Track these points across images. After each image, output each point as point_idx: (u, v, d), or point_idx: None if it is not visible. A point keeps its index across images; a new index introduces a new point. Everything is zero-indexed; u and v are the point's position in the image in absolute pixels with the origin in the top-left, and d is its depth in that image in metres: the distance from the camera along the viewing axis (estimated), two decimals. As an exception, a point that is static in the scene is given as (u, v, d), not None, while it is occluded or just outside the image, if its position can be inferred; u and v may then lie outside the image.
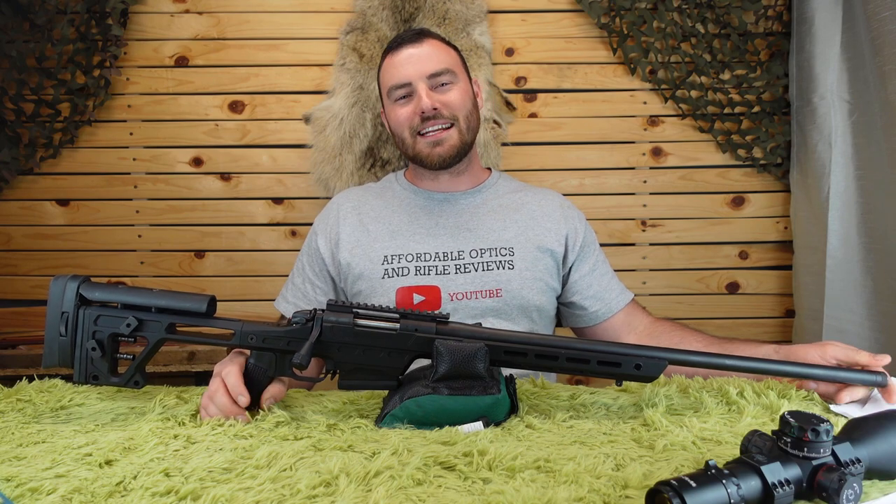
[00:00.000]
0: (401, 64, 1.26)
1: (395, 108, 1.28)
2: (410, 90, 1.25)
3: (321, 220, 1.35)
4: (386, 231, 1.28)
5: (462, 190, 1.33)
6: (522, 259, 1.24)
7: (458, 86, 1.27)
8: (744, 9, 2.17)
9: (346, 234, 1.29)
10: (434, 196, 1.32)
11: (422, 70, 1.24)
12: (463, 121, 1.26)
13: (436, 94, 1.24)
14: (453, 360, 0.83)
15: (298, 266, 1.35)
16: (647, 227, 2.31)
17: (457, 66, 1.29)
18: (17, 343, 2.06)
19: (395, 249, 1.25)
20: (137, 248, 2.27)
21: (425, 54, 1.26)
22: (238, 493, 0.62)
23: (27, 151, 2.18)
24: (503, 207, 1.31)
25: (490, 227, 1.27)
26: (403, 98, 1.26)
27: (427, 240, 1.26)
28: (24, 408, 0.94)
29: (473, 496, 0.62)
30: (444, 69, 1.25)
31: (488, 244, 1.25)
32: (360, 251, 1.26)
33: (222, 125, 2.25)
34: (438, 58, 1.26)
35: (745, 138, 2.25)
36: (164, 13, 2.21)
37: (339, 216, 1.32)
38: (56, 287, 0.88)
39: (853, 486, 0.56)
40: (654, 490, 0.54)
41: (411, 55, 1.26)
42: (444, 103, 1.24)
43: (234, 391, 0.86)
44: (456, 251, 1.24)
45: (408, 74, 1.25)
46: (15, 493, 0.63)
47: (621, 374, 0.88)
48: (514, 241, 1.26)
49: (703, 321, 2.33)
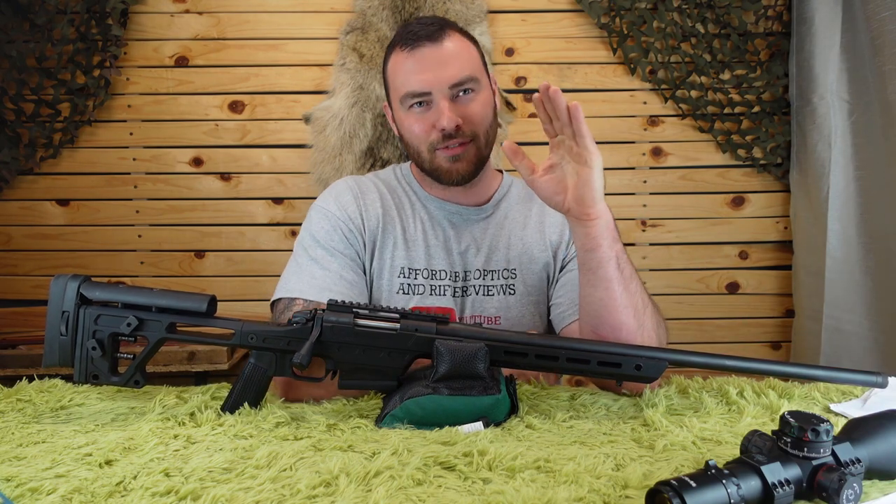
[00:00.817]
0: (418, 67, 1.10)
1: (408, 117, 1.14)
2: (429, 99, 1.11)
3: (335, 199, 1.19)
4: (401, 237, 1.19)
5: (473, 202, 1.23)
6: (524, 283, 1.20)
7: (481, 94, 1.14)
8: (744, 9, 2.17)
9: (371, 220, 1.18)
10: (445, 207, 1.21)
11: (443, 78, 1.09)
12: (483, 136, 1.15)
13: (457, 107, 1.11)
14: (453, 360, 0.83)
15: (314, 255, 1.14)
16: (647, 227, 2.31)
17: (479, 69, 1.15)
18: (17, 343, 2.06)
19: (412, 262, 1.18)
20: (137, 248, 2.27)
21: (447, 57, 1.10)
22: (238, 493, 0.62)
23: (27, 151, 2.18)
24: (512, 222, 1.24)
25: (495, 246, 1.20)
26: (419, 105, 1.12)
27: (441, 255, 1.19)
28: (24, 408, 0.94)
29: (473, 496, 0.62)
30: (468, 77, 1.11)
31: (493, 265, 1.19)
32: (379, 246, 1.18)
33: (222, 125, 2.25)
34: (461, 62, 1.11)
35: (745, 138, 2.25)
36: (164, 13, 2.21)
37: (361, 203, 1.19)
38: (56, 286, 0.87)
39: (853, 486, 0.56)
40: (654, 490, 0.54)
41: (430, 57, 1.10)
42: (466, 118, 1.11)
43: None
44: (464, 271, 1.19)
45: (427, 82, 1.09)
46: (15, 493, 0.63)
47: (621, 375, 0.87)
48: (517, 261, 1.20)
49: (703, 321, 2.34)
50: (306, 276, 1.10)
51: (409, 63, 1.11)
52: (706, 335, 2.33)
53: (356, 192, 1.21)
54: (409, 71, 1.11)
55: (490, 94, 1.18)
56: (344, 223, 1.16)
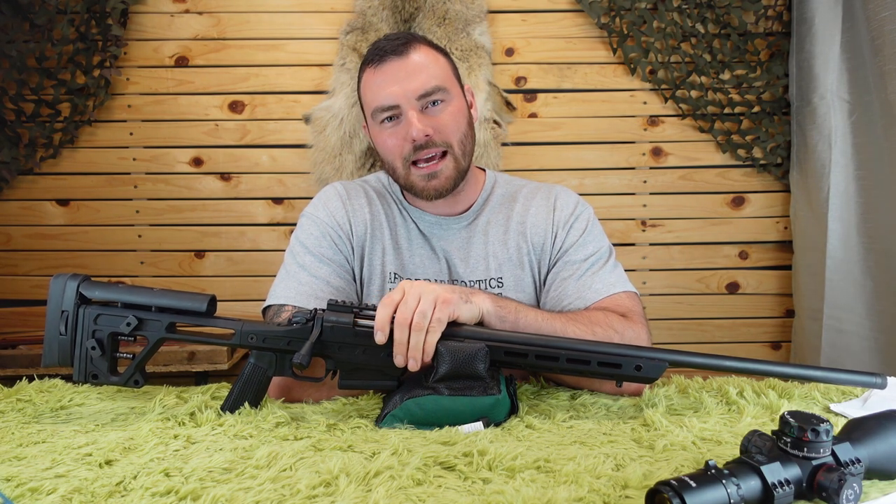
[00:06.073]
0: (385, 81, 1.10)
1: (381, 133, 1.13)
2: (398, 112, 1.10)
3: (324, 205, 1.20)
4: (390, 243, 1.18)
5: (454, 211, 1.21)
6: (511, 288, 1.18)
7: (452, 104, 1.13)
8: (744, 9, 2.17)
9: (358, 225, 1.18)
10: (425, 217, 1.20)
11: (410, 89, 1.09)
12: (457, 146, 1.13)
13: (427, 118, 1.10)
14: (454, 360, 0.83)
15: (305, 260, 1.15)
16: (647, 227, 2.31)
17: (448, 79, 1.14)
18: (17, 343, 2.06)
19: (402, 268, 1.18)
20: (137, 248, 2.27)
21: (413, 69, 1.10)
22: (238, 493, 0.62)
23: (27, 151, 2.18)
24: (495, 227, 1.20)
25: (480, 255, 1.18)
26: (390, 120, 1.12)
27: (427, 263, 1.18)
28: (24, 408, 0.94)
29: (473, 496, 0.62)
30: (435, 87, 1.10)
31: (478, 275, 1.17)
32: (368, 252, 1.18)
33: (222, 125, 2.25)
34: (428, 73, 1.10)
35: (745, 138, 2.25)
36: (164, 13, 2.21)
37: (349, 208, 1.19)
38: (56, 286, 0.87)
39: (853, 486, 0.56)
40: (654, 490, 0.54)
41: (397, 70, 1.10)
42: (436, 128, 1.10)
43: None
44: (450, 280, 1.17)
45: (394, 95, 1.09)
46: (15, 493, 0.63)
47: (622, 376, 0.87)
48: (503, 269, 1.18)
49: (703, 321, 2.34)
50: (294, 282, 1.11)
51: (377, 78, 1.11)
52: (706, 335, 2.33)
53: (344, 197, 1.21)
54: (378, 85, 1.11)
55: (463, 103, 1.17)
56: (332, 229, 1.17)
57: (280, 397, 0.98)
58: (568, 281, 1.13)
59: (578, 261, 1.15)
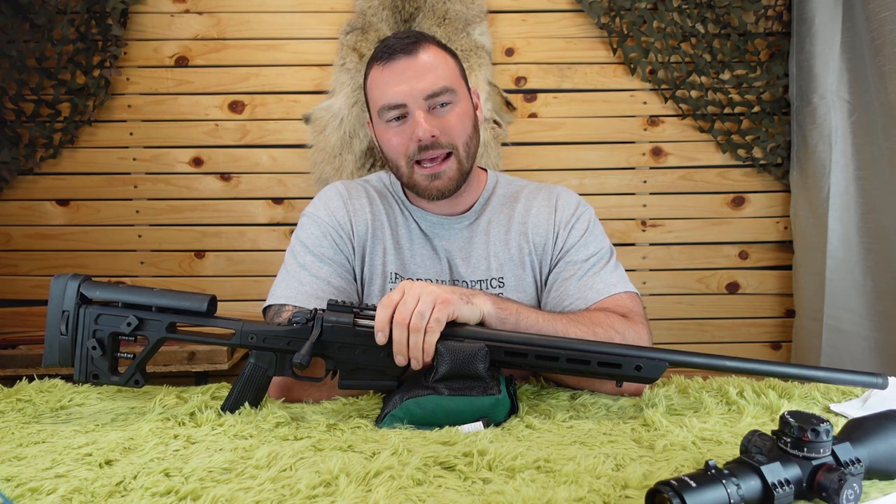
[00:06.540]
0: (393, 80, 1.10)
1: (386, 131, 1.13)
2: (405, 111, 1.10)
3: (325, 205, 1.20)
4: (391, 243, 1.18)
5: (456, 211, 1.21)
6: (512, 289, 1.18)
7: (459, 106, 1.13)
8: (744, 9, 2.17)
9: (359, 225, 1.18)
10: (427, 217, 1.20)
11: (418, 89, 1.08)
12: (462, 148, 1.13)
13: (434, 119, 1.10)
14: (454, 360, 0.83)
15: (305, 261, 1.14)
16: (647, 227, 2.31)
17: (456, 80, 1.14)
18: (17, 343, 2.06)
19: (403, 268, 1.17)
20: (137, 248, 2.27)
21: (422, 68, 1.09)
22: (238, 493, 0.62)
23: (27, 151, 2.18)
24: (496, 227, 1.20)
25: (481, 255, 1.18)
26: (397, 119, 1.11)
27: (428, 263, 1.18)
28: (24, 408, 0.94)
29: (473, 496, 0.62)
30: (443, 88, 1.10)
31: (479, 275, 1.17)
32: (369, 252, 1.18)
33: (222, 125, 2.25)
34: (436, 73, 1.10)
35: (745, 138, 2.25)
36: (164, 13, 2.21)
37: (350, 208, 1.19)
38: (56, 286, 0.88)
39: (853, 486, 0.56)
40: (654, 490, 0.54)
41: (406, 69, 1.09)
42: (443, 129, 1.10)
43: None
44: (451, 281, 1.18)
45: (402, 94, 1.09)
46: (15, 493, 0.63)
47: (622, 376, 0.87)
48: (504, 269, 1.17)
49: (703, 321, 2.34)
50: (294, 282, 1.10)
51: (384, 76, 1.11)
52: (706, 335, 2.33)
53: (345, 197, 1.20)
54: (385, 84, 1.11)
55: (469, 105, 1.17)
56: (333, 229, 1.16)
57: (280, 397, 0.98)
58: (569, 281, 1.13)
59: (580, 261, 1.15)
